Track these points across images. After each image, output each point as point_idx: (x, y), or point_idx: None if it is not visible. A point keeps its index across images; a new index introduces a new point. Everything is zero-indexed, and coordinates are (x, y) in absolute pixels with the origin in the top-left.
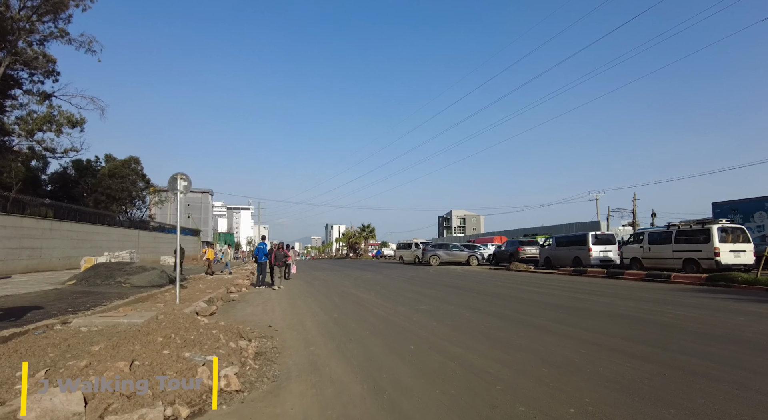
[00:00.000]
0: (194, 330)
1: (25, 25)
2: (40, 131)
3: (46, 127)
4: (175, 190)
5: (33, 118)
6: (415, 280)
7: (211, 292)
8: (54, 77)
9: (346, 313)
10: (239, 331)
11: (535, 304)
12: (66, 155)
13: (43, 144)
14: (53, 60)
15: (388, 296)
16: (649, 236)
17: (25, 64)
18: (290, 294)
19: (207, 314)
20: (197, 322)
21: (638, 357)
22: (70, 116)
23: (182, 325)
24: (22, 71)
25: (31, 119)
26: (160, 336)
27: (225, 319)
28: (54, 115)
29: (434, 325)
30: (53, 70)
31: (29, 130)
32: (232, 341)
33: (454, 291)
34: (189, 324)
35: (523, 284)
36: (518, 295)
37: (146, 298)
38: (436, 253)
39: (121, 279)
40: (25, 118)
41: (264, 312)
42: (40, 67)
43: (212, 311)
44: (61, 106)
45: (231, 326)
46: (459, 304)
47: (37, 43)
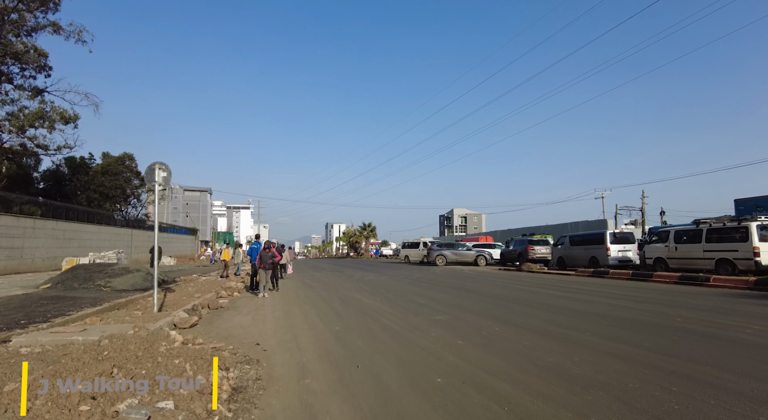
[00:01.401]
0: (149, 360)
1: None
2: (31, 127)
3: (38, 124)
4: (153, 181)
5: (24, 114)
6: (422, 282)
7: (200, 296)
8: (46, 72)
9: (349, 325)
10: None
11: (569, 313)
12: (59, 152)
13: (35, 141)
14: (45, 54)
15: (396, 302)
16: (675, 235)
17: (15, 58)
18: (286, 299)
19: (186, 326)
20: (155, 348)
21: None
22: (63, 112)
23: (133, 353)
24: (13, 66)
25: (22, 115)
26: (94, 372)
27: (205, 334)
28: (46, 111)
29: (460, 344)
30: (45, 65)
31: (20, 126)
32: (201, 374)
33: (470, 296)
34: (144, 351)
35: (543, 287)
36: (544, 300)
37: (123, 305)
38: (442, 252)
39: (101, 282)
40: (16, 114)
41: (253, 323)
42: (32, 62)
43: (193, 322)
44: (54, 102)
45: (204, 350)
46: (481, 313)
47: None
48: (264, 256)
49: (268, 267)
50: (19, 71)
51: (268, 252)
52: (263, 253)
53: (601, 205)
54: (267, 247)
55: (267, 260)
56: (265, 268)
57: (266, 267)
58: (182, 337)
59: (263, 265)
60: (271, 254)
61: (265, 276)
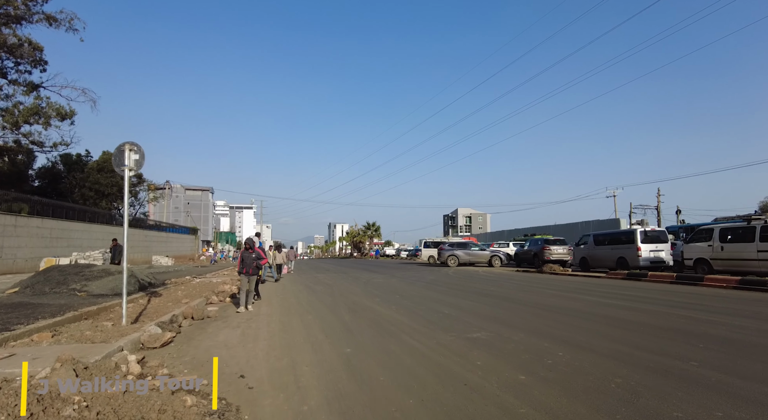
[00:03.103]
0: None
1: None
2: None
3: (34, 120)
4: (123, 166)
5: (19, 109)
6: (438, 285)
7: (187, 302)
8: (42, 67)
9: (363, 345)
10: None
11: (640, 329)
12: (55, 149)
13: (30, 137)
14: (40, 48)
15: (416, 311)
16: (720, 233)
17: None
18: (285, 306)
19: (157, 345)
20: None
21: None
22: (59, 108)
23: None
24: (8, 60)
25: (17, 111)
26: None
27: (177, 357)
28: (42, 106)
29: (523, 381)
30: (40, 59)
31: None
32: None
33: (500, 303)
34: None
35: (578, 292)
36: (593, 310)
37: (93, 314)
38: (454, 252)
39: (77, 285)
40: (10, 110)
41: (242, 340)
42: (27, 56)
43: (166, 340)
44: (50, 98)
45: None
46: (526, 329)
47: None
48: (246, 258)
49: (252, 271)
50: (13, 66)
51: (251, 252)
52: (245, 255)
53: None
54: (248, 247)
55: (250, 264)
56: (248, 273)
57: (249, 271)
58: (139, 368)
59: (245, 270)
60: (255, 255)
61: (247, 284)
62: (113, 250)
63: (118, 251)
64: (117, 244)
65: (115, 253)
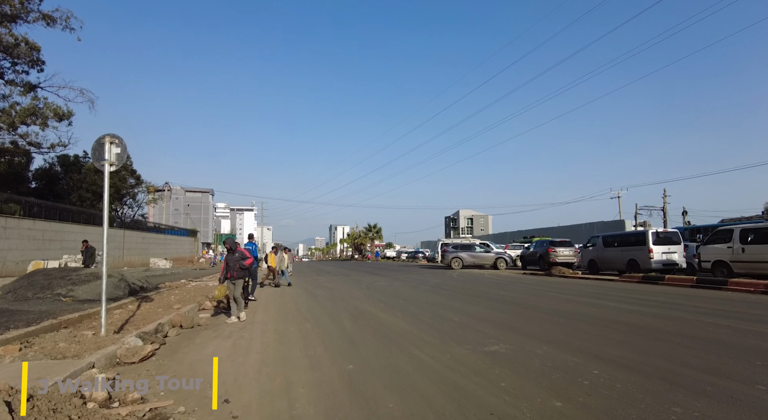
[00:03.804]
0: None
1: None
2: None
3: (31, 120)
4: (103, 160)
5: (16, 110)
6: (444, 289)
7: (179, 307)
8: (39, 67)
9: (367, 361)
10: None
11: (688, 343)
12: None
13: (27, 138)
14: (37, 47)
15: (423, 319)
16: (740, 234)
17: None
18: (282, 311)
19: (135, 360)
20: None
21: None
22: (56, 109)
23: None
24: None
25: (14, 111)
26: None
27: (157, 374)
28: (39, 107)
29: (560, 409)
30: (38, 59)
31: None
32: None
33: (514, 310)
34: None
35: (598, 297)
36: (618, 317)
37: (75, 321)
38: (458, 255)
39: (62, 290)
40: (7, 111)
41: (232, 353)
42: (24, 56)
43: (146, 354)
44: (48, 98)
45: None
46: (549, 340)
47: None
48: (229, 261)
49: (236, 275)
50: (10, 66)
51: (234, 254)
52: (228, 258)
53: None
54: (231, 249)
55: (233, 267)
56: (233, 277)
57: (232, 275)
58: (105, 393)
59: (230, 273)
60: (238, 256)
61: (234, 289)
62: (84, 253)
63: (89, 254)
64: (88, 246)
65: (86, 256)
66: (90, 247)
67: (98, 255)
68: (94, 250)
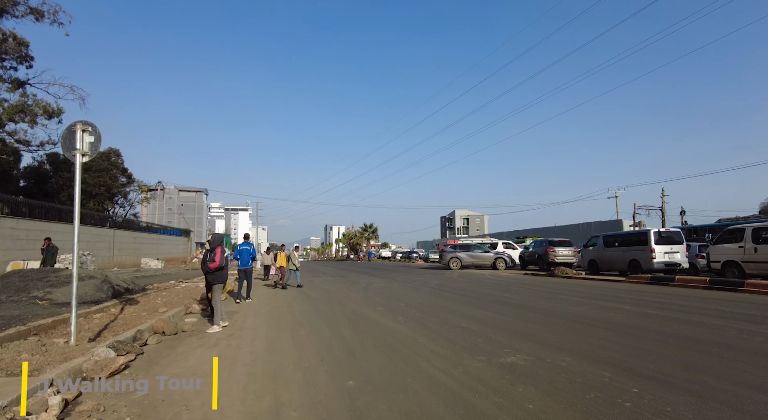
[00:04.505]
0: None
1: None
2: (11, 122)
3: (19, 118)
4: (74, 149)
5: (4, 107)
6: (445, 291)
7: (165, 311)
8: (27, 63)
9: (369, 376)
10: None
11: (733, 355)
12: (41, 148)
13: (15, 136)
14: (25, 43)
15: (428, 324)
16: (753, 233)
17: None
18: (275, 315)
19: (104, 374)
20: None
21: None
22: (46, 106)
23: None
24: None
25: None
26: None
27: (125, 395)
28: (28, 104)
29: None
30: (26, 55)
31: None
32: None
33: (524, 314)
34: None
35: (610, 300)
36: (645, 324)
37: (47, 328)
38: (456, 254)
39: (39, 293)
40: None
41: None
42: (11, 52)
43: (116, 367)
44: (37, 95)
45: None
46: (578, 353)
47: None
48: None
49: (207, 279)
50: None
51: (211, 253)
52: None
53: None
54: (210, 248)
55: (206, 267)
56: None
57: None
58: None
59: (205, 273)
60: (209, 258)
61: (216, 292)
62: (45, 251)
63: (50, 253)
64: (50, 245)
65: (47, 254)
66: (52, 245)
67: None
68: (56, 249)
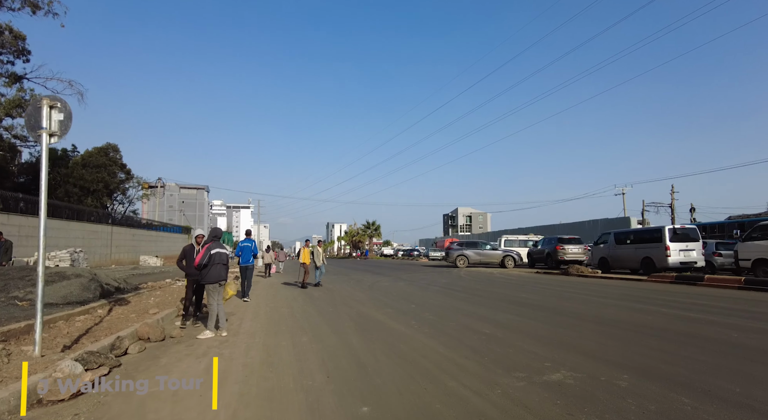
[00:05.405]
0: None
1: None
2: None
3: (16, 113)
4: (40, 128)
5: (1, 102)
6: (455, 290)
7: (156, 312)
8: (24, 57)
9: (387, 401)
10: None
11: None
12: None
13: (12, 131)
14: (22, 37)
15: (445, 330)
16: None
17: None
18: (274, 318)
19: (64, 397)
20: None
21: None
22: None
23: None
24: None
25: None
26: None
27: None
28: (25, 99)
29: None
30: (23, 49)
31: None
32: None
33: (553, 318)
34: None
35: (641, 301)
36: (702, 332)
37: (15, 334)
38: (463, 252)
39: (20, 292)
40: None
41: (202, 384)
42: (8, 45)
43: (78, 388)
44: (34, 90)
45: None
46: (635, 368)
47: None
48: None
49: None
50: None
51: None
52: (188, 250)
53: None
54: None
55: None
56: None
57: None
58: None
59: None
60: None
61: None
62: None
63: (3, 250)
64: (2, 240)
65: (1, 250)
66: (6, 240)
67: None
68: (10, 244)
